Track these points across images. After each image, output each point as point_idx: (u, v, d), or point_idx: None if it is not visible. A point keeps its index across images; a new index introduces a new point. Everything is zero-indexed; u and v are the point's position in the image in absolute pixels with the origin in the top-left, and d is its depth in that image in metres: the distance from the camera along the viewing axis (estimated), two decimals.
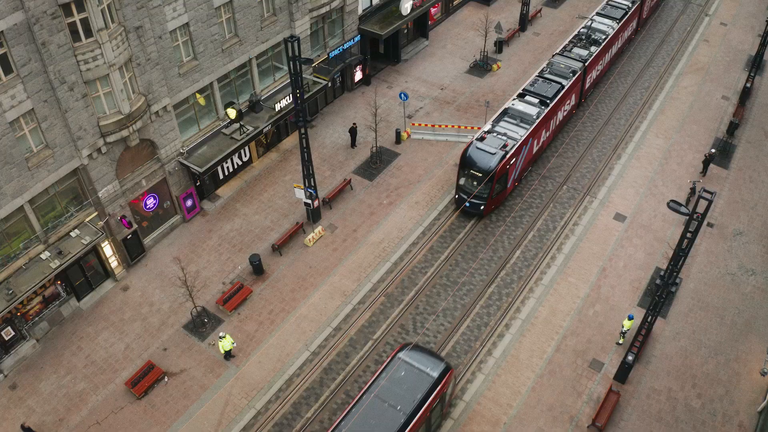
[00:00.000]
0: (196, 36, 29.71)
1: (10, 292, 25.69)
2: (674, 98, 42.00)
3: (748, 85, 40.28)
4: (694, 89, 42.71)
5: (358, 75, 41.84)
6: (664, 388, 27.43)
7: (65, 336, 29.32)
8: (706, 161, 35.95)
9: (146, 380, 27.30)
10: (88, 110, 26.13)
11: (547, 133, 37.28)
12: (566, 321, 30.01)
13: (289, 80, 32.48)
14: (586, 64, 39.33)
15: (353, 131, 37.77)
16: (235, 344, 28.71)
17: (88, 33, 24.56)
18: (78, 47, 24.48)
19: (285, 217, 34.68)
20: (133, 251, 31.59)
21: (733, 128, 38.46)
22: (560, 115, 38.18)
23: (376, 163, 37.26)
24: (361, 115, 40.41)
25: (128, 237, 30.85)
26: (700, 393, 27.18)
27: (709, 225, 33.85)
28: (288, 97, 34.71)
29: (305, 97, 33.33)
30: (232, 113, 32.13)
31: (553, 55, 40.29)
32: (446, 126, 39.26)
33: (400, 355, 24.42)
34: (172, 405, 27.07)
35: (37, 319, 28.65)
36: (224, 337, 27.97)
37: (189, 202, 33.58)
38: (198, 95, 31.80)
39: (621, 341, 28.96)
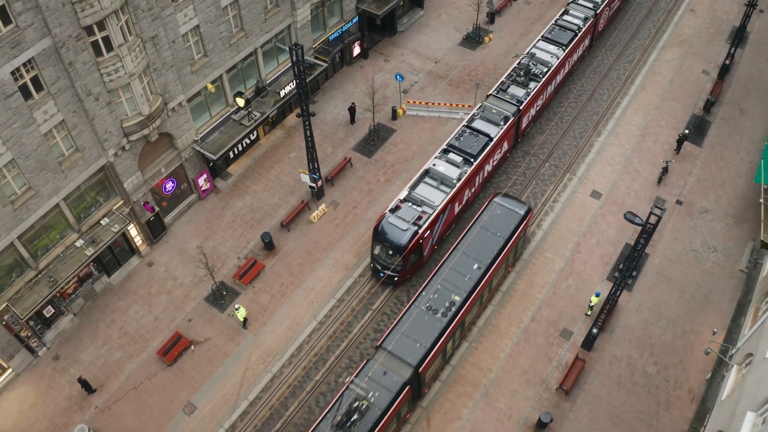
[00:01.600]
0: (206, 35, 31.09)
1: (52, 279, 28.55)
2: (656, 73, 43.32)
3: (727, 62, 41.50)
4: (675, 63, 43.93)
5: (357, 50, 42.97)
6: (625, 355, 30.81)
7: (99, 310, 32.41)
8: (680, 140, 37.93)
9: (175, 349, 30.62)
10: (113, 115, 28.08)
11: (473, 190, 35.19)
12: (542, 293, 33.04)
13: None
14: (522, 107, 36.22)
15: (352, 110, 39.50)
16: (247, 317, 31.91)
17: (109, 48, 26.16)
18: (101, 62, 26.15)
19: (291, 194, 37.05)
20: (155, 230, 34.21)
21: (709, 106, 40.10)
22: (489, 167, 35.70)
23: (374, 140, 39.22)
24: (359, 90, 41.94)
25: (151, 219, 33.40)
26: (657, 361, 30.55)
27: (678, 203, 36.32)
28: (292, 82, 36.23)
29: (307, 80, 34.92)
30: (241, 102, 33.90)
31: (487, 96, 36.98)
32: (439, 104, 40.90)
33: (496, 199, 32.22)
34: (199, 370, 30.54)
35: (73, 296, 31.67)
36: (239, 308, 31.19)
37: (203, 182, 35.89)
38: (209, 85, 33.45)
39: (589, 312, 32.12)
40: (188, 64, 30.96)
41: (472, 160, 33.69)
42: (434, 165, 33.44)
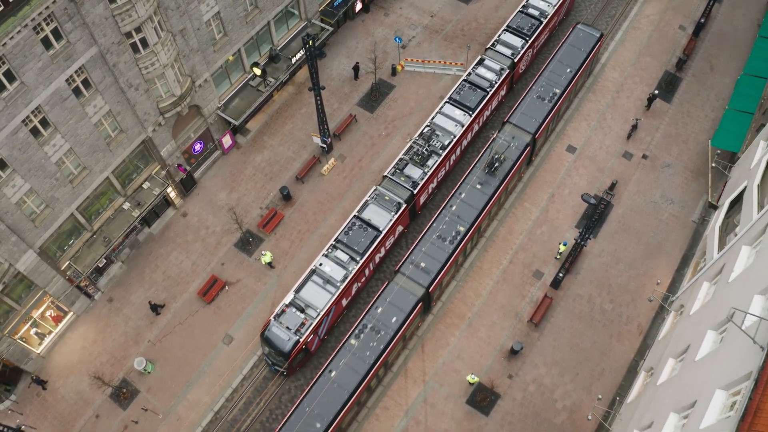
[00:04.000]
0: (226, 18, 33.03)
1: (106, 239, 32.64)
2: (635, 28, 44.71)
3: (703, 20, 42.92)
4: (655, 18, 45.18)
5: (359, 6, 44.21)
6: (586, 294, 35.60)
7: (143, 257, 36.73)
8: (650, 99, 40.53)
9: (213, 290, 35.30)
10: (150, 99, 30.92)
11: (362, 281, 34.17)
12: (519, 239, 37.28)
13: (301, 27, 37.32)
14: (417, 189, 34.29)
15: (356, 68, 41.71)
16: (272, 258, 36.30)
17: (145, 45, 28.55)
18: (139, 58, 28.67)
19: (304, 148, 40.23)
20: (187, 184, 37.84)
21: (681, 63, 42.16)
22: (380, 255, 34.62)
23: (376, 95, 41.77)
24: (362, 45, 43.76)
25: (183, 177, 36.94)
26: (613, 299, 35.34)
27: (644, 157, 39.63)
28: (302, 50, 38.26)
29: (315, 44, 36.95)
30: (257, 71, 36.26)
31: (384, 178, 34.75)
32: (434, 61, 42.95)
33: (578, 26, 40.74)
34: (234, 307, 35.38)
35: (121, 246, 35.85)
36: (265, 254, 35.63)
37: (227, 140, 38.98)
38: (230, 57, 35.68)
39: (558, 257, 36.59)
40: (211, 45, 33.18)
41: (359, 257, 32.31)
42: (320, 264, 32.07)
